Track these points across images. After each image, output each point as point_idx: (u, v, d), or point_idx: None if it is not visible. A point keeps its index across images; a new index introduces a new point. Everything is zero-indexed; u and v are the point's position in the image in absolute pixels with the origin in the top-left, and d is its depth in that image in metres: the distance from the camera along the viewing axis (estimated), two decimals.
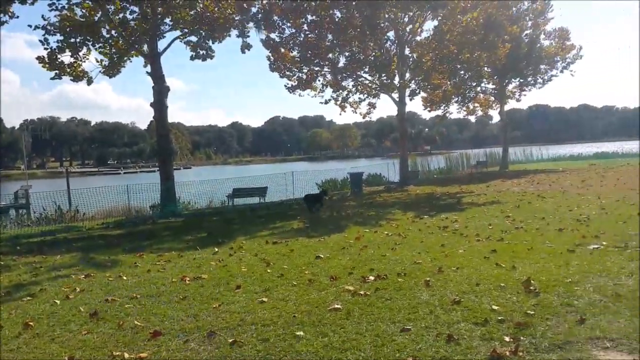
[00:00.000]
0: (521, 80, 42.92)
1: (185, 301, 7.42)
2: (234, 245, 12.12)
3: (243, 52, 23.37)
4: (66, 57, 20.73)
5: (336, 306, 6.66)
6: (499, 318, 5.93)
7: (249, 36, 23.26)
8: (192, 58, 22.63)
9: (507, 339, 5.34)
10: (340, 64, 27.39)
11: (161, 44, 21.30)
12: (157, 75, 20.74)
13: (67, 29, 19.94)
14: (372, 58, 27.07)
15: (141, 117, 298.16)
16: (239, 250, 11.51)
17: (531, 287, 7.01)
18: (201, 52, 22.47)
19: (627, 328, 5.46)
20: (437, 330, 5.68)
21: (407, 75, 29.03)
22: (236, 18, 22.23)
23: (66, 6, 19.92)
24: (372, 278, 8.05)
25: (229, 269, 9.47)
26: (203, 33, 21.89)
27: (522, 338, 5.34)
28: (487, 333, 5.54)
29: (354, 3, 24.68)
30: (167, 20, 21.13)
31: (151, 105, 21.05)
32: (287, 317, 6.41)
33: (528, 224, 12.78)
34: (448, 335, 5.47)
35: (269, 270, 9.09)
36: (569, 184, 23.66)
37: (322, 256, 10.04)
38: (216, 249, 11.70)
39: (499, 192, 22.05)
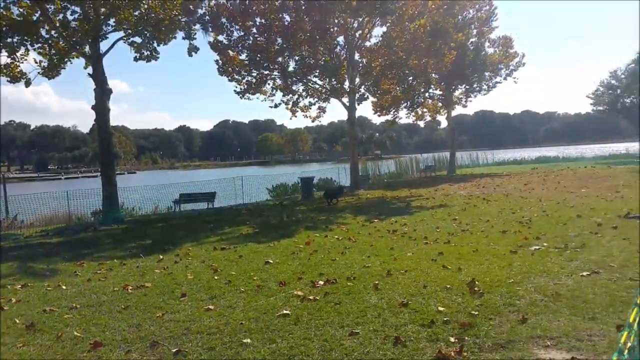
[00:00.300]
0: (467, 87, 44.06)
1: (128, 311, 7.18)
2: (180, 252, 11.86)
3: (190, 54, 22.95)
4: (2, 58, 19.87)
5: (285, 312, 6.61)
6: (445, 319, 6.03)
7: (195, 38, 22.90)
8: (135, 59, 22.04)
9: (452, 339, 5.43)
10: (290, 68, 27.42)
11: (104, 45, 20.60)
12: (99, 78, 20.10)
13: (3, 28, 19.08)
14: (322, 62, 27.19)
15: (83, 120, 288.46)
16: (185, 257, 11.26)
17: (476, 288, 7.17)
18: (145, 54, 21.92)
19: (567, 327, 5.65)
20: (385, 333, 5.71)
21: (357, 80, 29.31)
22: (182, 19, 21.81)
23: (2, 4, 19.07)
24: (321, 283, 8.05)
25: (174, 276, 9.24)
26: (147, 34, 21.36)
27: (466, 338, 5.45)
28: (433, 334, 5.62)
29: (303, 8, 24.72)
30: (111, 21, 20.50)
31: (93, 108, 20.36)
32: (234, 324, 6.30)
33: (474, 227, 13.09)
34: (395, 337, 5.51)
35: (216, 277, 8.93)
36: (513, 187, 24.40)
37: (271, 261, 9.97)
38: (161, 257, 11.42)
39: (447, 195, 22.50)
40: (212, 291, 7.98)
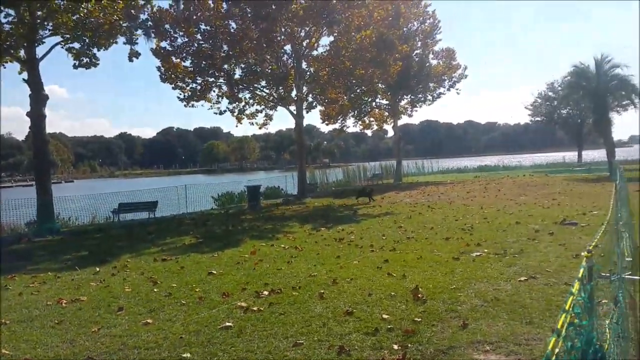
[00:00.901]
0: (412, 97, 44.94)
1: (61, 326, 6.85)
2: (117, 264, 11.43)
3: (131, 60, 22.27)
4: None
5: (227, 324, 6.47)
6: (389, 327, 6.06)
7: (137, 43, 22.28)
8: (75, 66, 21.19)
9: (395, 347, 5.46)
10: (237, 76, 27.11)
11: (40, 50, 19.73)
12: (35, 83, 19.19)
13: None
14: (269, 70, 27.07)
15: (19, 127, 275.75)
16: (124, 269, 10.86)
17: (419, 295, 7.26)
18: (84, 60, 21.16)
19: (505, 331, 5.77)
20: (330, 343, 5.68)
21: (304, 88, 29.37)
22: (123, 25, 21.18)
23: None
24: (266, 293, 7.94)
25: (111, 289, 8.90)
26: (86, 39, 20.61)
27: (409, 345, 5.48)
28: (377, 342, 5.62)
29: (249, 15, 24.54)
30: (48, 25, 19.67)
31: (28, 114, 19.47)
32: (174, 338, 6.11)
33: (418, 234, 13.30)
34: (340, 347, 5.48)
35: (155, 290, 8.65)
36: (456, 195, 24.99)
37: (214, 272, 9.75)
38: (97, 269, 10.96)
39: (393, 203, 22.79)
40: (151, 304, 7.73)
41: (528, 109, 63.09)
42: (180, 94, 26.95)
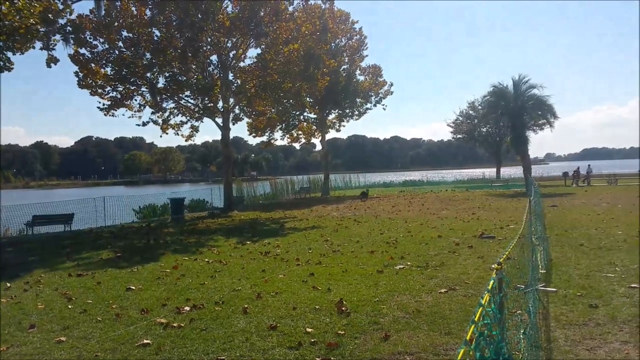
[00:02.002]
0: (340, 112, 45.59)
1: None
2: (30, 280, 10.76)
3: (49, 66, 21.21)
4: None
5: (145, 341, 6.23)
6: (313, 340, 6.03)
7: (55, 49, 21.22)
8: None
9: None
10: (160, 85, 26.34)
11: None
12: None
13: None
14: (195, 80, 26.52)
15: None
16: (36, 284, 10.23)
17: (343, 308, 7.29)
18: None
19: (425, 342, 5.90)
20: (252, 358, 5.59)
21: (231, 100, 29.05)
22: (41, 29, 20.13)
23: None
24: (187, 308, 7.69)
25: (22, 306, 8.37)
26: (0, 43, 19.43)
27: (332, 358, 5.47)
28: (301, 356, 5.58)
29: (174, 23, 24.00)
30: None
31: None
32: (89, 356, 5.84)
33: (344, 247, 13.41)
34: None
35: (70, 306, 8.20)
36: (382, 209, 25.48)
37: (133, 288, 9.36)
38: (9, 284, 10.26)
39: (320, 217, 22.90)
40: (65, 321, 7.31)
41: (450, 127, 65.57)
42: (100, 102, 25.87)
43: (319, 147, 54.22)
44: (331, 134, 51.30)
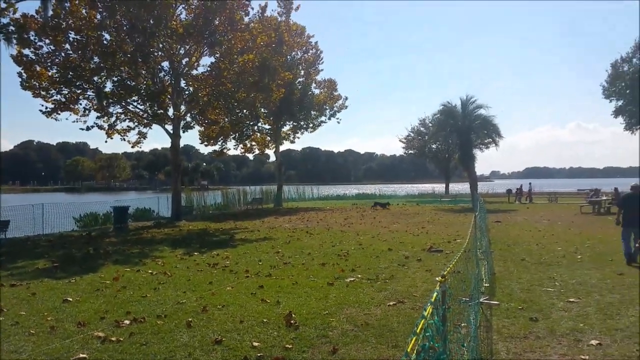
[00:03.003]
0: (294, 124, 45.67)
1: None
2: None
3: None
4: None
5: (82, 355, 5.95)
6: (259, 355, 5.90)
7: None
8: None
9: None
10: (108, 89, 25.49)
11: None
12: None
13: None
14: (144, 86, 25.89)
15: None
16: None
17: (292, 321, 7.17)
18: None
19: (372, 355, 5.86)
20: None
21: (182, 107, 28.54)
22: None
23: None
24: (127, 322, 7.38)
25: None
26: None
27: None
28: None
29: (125, 28, 23.41)
30: None
31: None
32: None
33: (295, 259, 13.28)
34: None
35: (1, 318, 7.74)
36: (334, 221, 25.50)
37: (70, 299, 8.93)
38: None
39: (272, 228, 22.68)
40: None
41: (402, 142, 66.68)
42: (43, 105, 24.82)
43: (272, 158, 54.12)
44: (285, 146, 51.29)
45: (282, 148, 46.76)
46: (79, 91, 24.74)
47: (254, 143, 43.60)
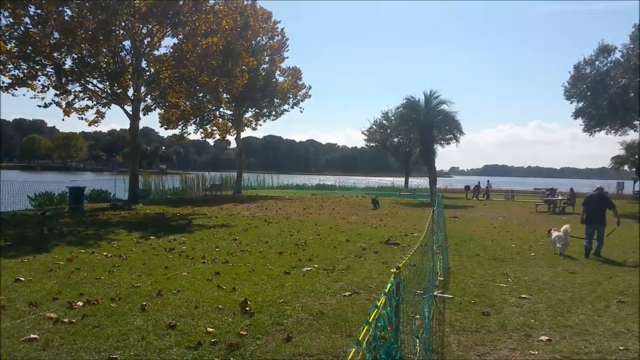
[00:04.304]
0: (257, 111, 45.33)
1: None
2: None
3: None
4: None
5: (33, 336, 5.85)
6: (213, 340, 5.90)
7: None
8: None
9: None
10: (67, 66, 24.70)
11: None
12: None
13: None
14: (104, 65, 25.20)
15: None
16: None
17: (247, 308, 7.20)
18: None
19: (326, 344, 5.95)
20: (147, 357, 5.38)
21: (143, 88, 27.94)
22: None
23: None
24: (80, 304, 7.27)
25: None
26: None
27: (231, 359, 5.38)
28: (199, 356, 5.44)
29: (87, 4, 22.66)
30: None
31: None
32: None
33: (253, 247, 13.28)
34: None
35: None
36: (293, 211, 25.56)
37: (22, 279, 8.73)
38: None
39: (230, 215, 22.57)
40: None
41: (365, 134, 67.03)
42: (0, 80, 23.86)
43: (233, 144, 53.57)
44: (247, 132, 51.12)
45: (243, 135, 46.35)
46: (37, 67, 23.84)
47: (215, 128, 43.05)
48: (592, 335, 6.63)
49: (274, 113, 46.25)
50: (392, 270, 2.73)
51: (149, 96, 29.23)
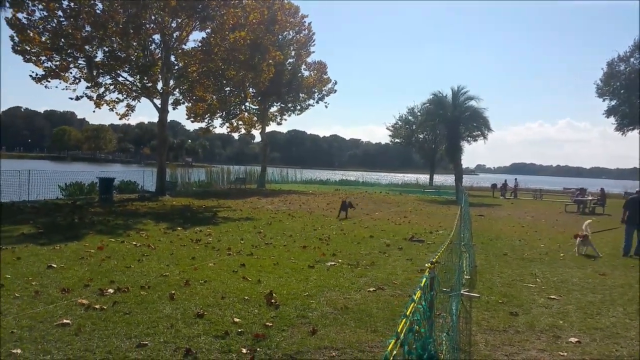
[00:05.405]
0: (282, 105, 45.45)
1: None
2: None
3: None
4: None
5: (65, 321, 6.00)
6: (240, 330, 5.99)
7: None
8: None
9: (244, 350, 5.41)
10: (98, 59, 25.13)
11: None
12: None
13: None
14: (134, 58, 25.57)
15: None
16: None
17: (272, 300, 7.28)
18: None
19: (351, 338, 5.99)
20: (176, 345, 5.48)
21: (172, 82, 28.26)
22: None
23: None
24: (111, 291, 7.45)
25: None
26: None
27: (258, 349, 5.46)
28: (226, 345, 5.53)
29: None
30: None
31: None
32: (4, 333, 5.59)
33: (277, 241, 13.39)
34: (186, 349, 5.32)
35: None
36: (316, 206, 25.62)
37: (55, 266, 8.96)
38: None
39: (255, 209, 22.74)
40: None
41: (389, 130, 66.70)
42: (34, 72, 24.43)
43: (258, 138, 53.78)
44: (272, 127, 50.98)
45: (268, 129, 46.53)
46: (69, 59, 24.34)
47: (240, 122, 43.32)
48: (624, 339, 6.52)
49: (299, 108, 46.32)
50: (425, 264, 2.75)
51: (177, 90, 29.56)
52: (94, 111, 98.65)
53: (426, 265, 2.83)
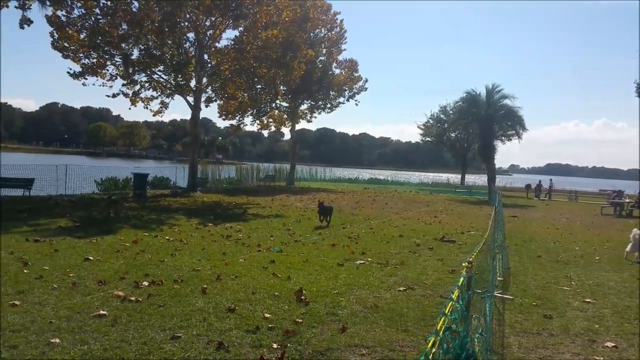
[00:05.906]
0: (312, 103, 45.53)
1: None
2: None
3: (22, 27, 20.43)
4: None
5: (102, 312, 6.15)
6: (270, 326, 6.05)
7: (30, 9, 20.36)
8: None
9: (275, 345, 5.46)
10: (134, 57, 25.67)
11: None
12: None
13: None
14: (169, 56, 26.01)
15: None
16: None
17: (302, 297, 7.31)
18: None
19: (381, 337, 5.97)
20: (209, 338, 5.57)
21: (204, 80, 28.62)
22: None
23: None
24: (146, 284, 7.61)
25: None
26: None
27: (288, 345, 5.50)
28: (257, 340, 5.59)
29: None
30: None
31: None
32: (43, 322, 5.74)
33: (306, 238, 13.44)
34: (219, 342, 5.39)
35: (26, 271, 8.01)
36: (345, 204, 25.60)
37: (91, 258, 9.19)
38: None
39: (284, 206, 22.86)
40: (20, 286, 7.15)
41: (420, 129, 66.12)
42: (72, 69, 25.12)
43: (287, 136, 53.96)
44: (301, 125, 51.21)
45: (297, 127, 46.70)
46: (106, 57, 24.94)
47: (271, 120, 43.59)
48: None
49: (329, 105, 46.33)
50: (463, 264, 2.73)
51: (209, 87, 29.94)
52: (129, 108, 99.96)
53: (463, 264, 2.82)
